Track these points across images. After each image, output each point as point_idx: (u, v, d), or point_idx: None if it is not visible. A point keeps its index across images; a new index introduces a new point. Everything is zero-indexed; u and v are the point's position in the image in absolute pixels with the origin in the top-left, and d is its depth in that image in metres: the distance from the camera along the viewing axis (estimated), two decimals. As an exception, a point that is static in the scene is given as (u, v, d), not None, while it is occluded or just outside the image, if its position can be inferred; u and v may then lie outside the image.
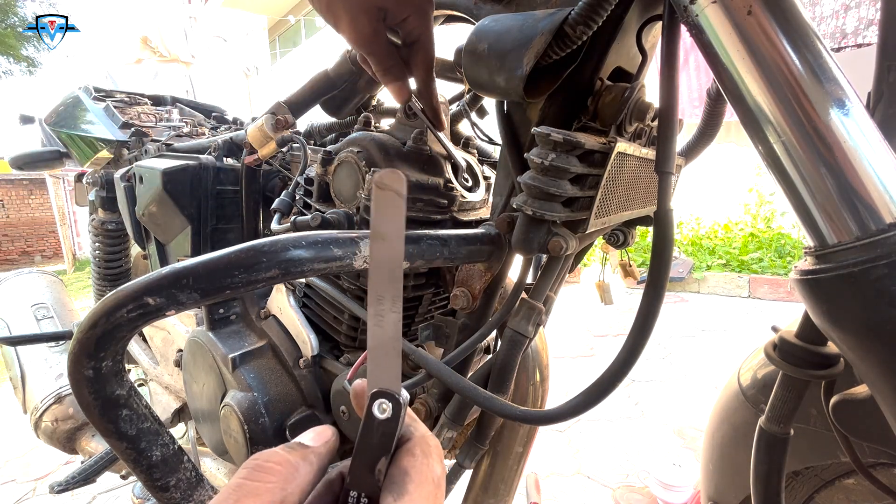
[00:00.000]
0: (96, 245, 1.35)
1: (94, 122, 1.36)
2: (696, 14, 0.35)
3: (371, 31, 0.48)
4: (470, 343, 0.53)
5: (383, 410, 0.22)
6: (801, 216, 0.34)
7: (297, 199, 0.71)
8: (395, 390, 0.23)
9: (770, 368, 0.60)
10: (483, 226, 0.52)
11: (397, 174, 0.22)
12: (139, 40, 7.27)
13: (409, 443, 0.24)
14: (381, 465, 0.22)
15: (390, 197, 0.22)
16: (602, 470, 1.85)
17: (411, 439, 0.24)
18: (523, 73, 0.39)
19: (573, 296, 4.47)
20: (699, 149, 0.66)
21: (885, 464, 0.53)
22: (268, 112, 0.77)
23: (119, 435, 0.32)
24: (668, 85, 0.40)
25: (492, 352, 0.76)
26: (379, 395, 0.22)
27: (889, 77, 0.39)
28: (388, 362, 0.23)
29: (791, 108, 0.32)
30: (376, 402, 0.22)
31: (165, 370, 1.01)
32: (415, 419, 0.26)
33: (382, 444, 0.22)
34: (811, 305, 0.34)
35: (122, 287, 0.29)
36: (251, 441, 0.63)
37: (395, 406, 0.22)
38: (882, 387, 0.32)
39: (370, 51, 0.50)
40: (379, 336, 0.23)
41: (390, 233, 0.22)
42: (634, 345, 0.41)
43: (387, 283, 0.23)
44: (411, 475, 0.22)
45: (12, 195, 10.84)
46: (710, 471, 0.69)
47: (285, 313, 0.71)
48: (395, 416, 0.22)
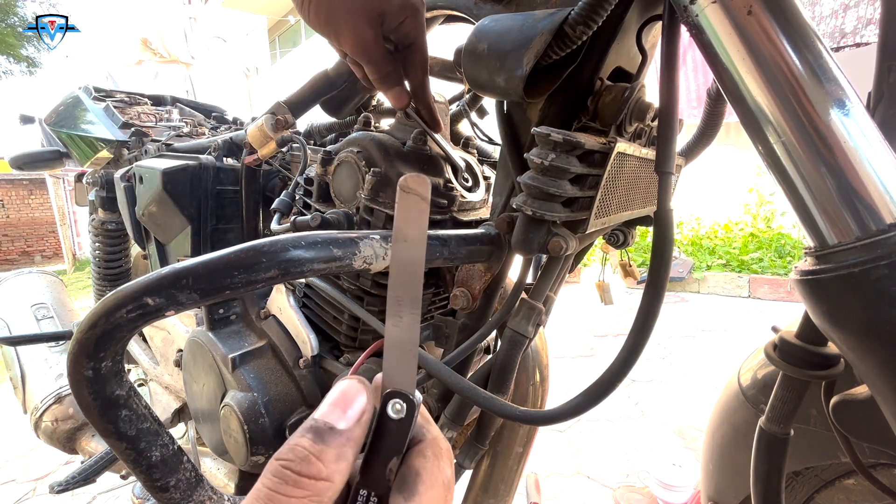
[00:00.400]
0: (96, 245, 1.35)
1: (94, 122, 1.36)
2: (696, 14, 0.35)
3: (372, 37, 0.48)
4: (470, 343, 0.53)
5: (397, 411, 0.22)
6: (801, 216, 0.34)
7: (296, 199, 0.71)
8: (410, 391, 0.23)
9: (770, 368, 0.60)
10: (483, 226, 0.52)
11: (423, 178, 0.22)
12: (139, 42, 7.27)
13: (420, 444, 0.23)
14: (392, 464, 0.22)
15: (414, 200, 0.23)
16: (602, 470, 1.85)
17: (423, 441, 0.24)
18: (523, 73, 0.39)
19: (573, 296, 4.47)
20: (699, 149, 0.66)
21: (885, 464, 0.53)
22: (268, 112, 0.77)
23: (119, 435, 0.32)
24: (668, 85, 0.40)
25: (492, 352, 0.76)
26: (393, 395, 0.22)
27: (889, 77, 0.39)
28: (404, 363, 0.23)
29: (791, 108, 0.32)
30: (390, 402, 0.22)
31: (165, 370, 1.01)
32: (428, 420, 0.25)
33: (395, 444, 0.22)
34: (811, 306, 0.34)
35: (122, 287, 0.29)
36: (251, 441, 0.63)
37: (409, 406, 0.22)
38: (882, 387, 0.32)
39: (370, 58, 0.50)
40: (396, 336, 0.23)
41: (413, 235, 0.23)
42: (634, 345, 0.41)
43: (407, 284, 0.23)
44: (422, 476, 0.22)
45: (12, 195, 10.84)
46: (710, 471, 0.69)
47: (285, 313, 0.71)
48: (408, 417, 0.22)
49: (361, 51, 0.49)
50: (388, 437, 0.22)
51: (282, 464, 0.20)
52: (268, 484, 0.20)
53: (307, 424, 0.21)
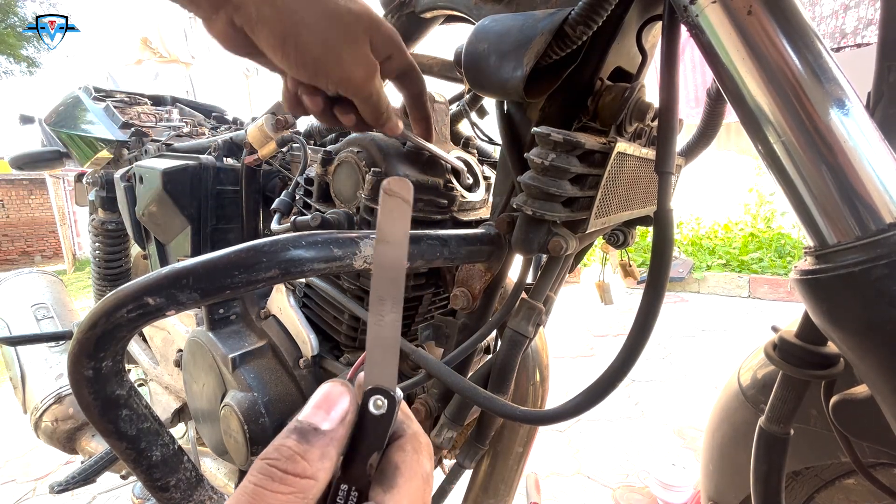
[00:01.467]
0: (96, 245, 1.35)
1: (94, 122, 1.36)
2: (696, 14, 0.35)
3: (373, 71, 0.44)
4: (470, 343, 0.53)
5: (378, 406, 0.23)
6: (801, 216, 0.34)
7: (297, 199, 0.71)
8: (391, 387, 0.23)
9: (770, 368, 0.60)
10: (483, 226, 0.52)
11: (405, 182, 0.23)
12: (139, 41, 7.26)
13: (400, 439, 0.24)
14: (372, 459, 0.23)
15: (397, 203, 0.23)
16: (602, 470, 1.85)
17: (403, 436, 0.24)
18: (523, 73, 0.39)
19: (573, 296, 4.47)
20: (699, 149, 0.66)
21: (885, 464, 0.53)
22: (268, 112, 0.77)
23: (119, 435, 0.32)
24: (668, 85, 0.40)
25: (492, 352, 0.76)
26: (374, 392, 0.23)
27: (889, 77, 0.39)
28: (385, 360, 0.23)
29: (791, 108, 0.32)
30: (372, 398, 0.23)
31: (165, 370, 1.01)
32: (409, 416, 0.26)
33: (375, 440, 0.23)
34: (811, 305, 0.34)
35: (122, 287, 0.29)
36: (251, 441, 0.63)
37: (390, 402, 0.23)
38: (882, 387, 0.32)
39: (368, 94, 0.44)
40: (378, 335, 0.23)
41: (395, 237, 0.23)
42: (634, 345, 0.41)
43: (388, 284, 0.23)
44: (401, 470, 0.23)
45: (12, 195, 10.84)
46: (710, 471, 0.69)
47: (285, 313, 0.71)
48: (389, 413, 0.23)
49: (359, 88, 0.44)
50: (369, 433, 0.23)
51: (268, 462, 0.21)
52: (253, 480, 0.20)
53: (292, 426, 0.22)
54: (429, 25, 0.64)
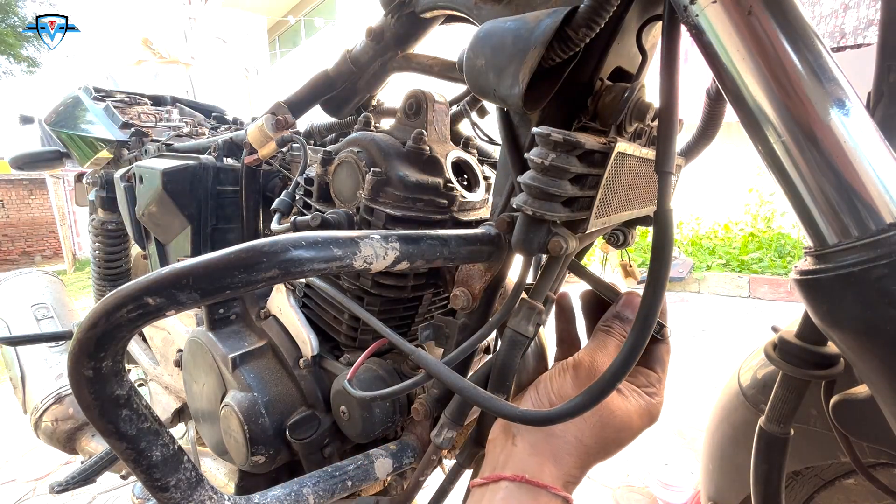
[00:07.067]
0: (96, 245, 1.35)
1: (94, 122, 1.36)
2: (696, 14, 0.35)
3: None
4: (470, 343, 0.53)
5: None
6: (801, 216, 0.34)
7: (297, 199, 0.71)
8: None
9: (770, 368, 0.60)
10: (483, 226, 0.52)
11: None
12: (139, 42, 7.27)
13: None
14: None
15: None
16: (602, 470, 1.85)
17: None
18: (520, 90, 0.40)
19: (573, 296, 4.46)
20: (699, 149, 0.66)
21: (885, 464, 0.53)
22: (268, 112, 0.77)
23: (119, 435, 0.32)
24: (668, 85, 0.40)
25: (492, 352, 0.76)
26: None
27: (889, 77, 0.39)
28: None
29: (791, 108, 0.32)
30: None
31: (165, 370, 1.01)
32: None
33: None
34: (811, 305, 0.34)
35: (122, 287, 0.29)
36: (251, 441, 0.63)
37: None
38: (882, 387, 0.32)
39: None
40: None
41: None
42: (634, 345, 0.41)
43: None
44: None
45: (12, 195, 10.84)
46: (710, 471, 0.69)
47: (285, 313, 0.71)
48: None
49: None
50: None
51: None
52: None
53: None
54: (429, 25, 0.64)
